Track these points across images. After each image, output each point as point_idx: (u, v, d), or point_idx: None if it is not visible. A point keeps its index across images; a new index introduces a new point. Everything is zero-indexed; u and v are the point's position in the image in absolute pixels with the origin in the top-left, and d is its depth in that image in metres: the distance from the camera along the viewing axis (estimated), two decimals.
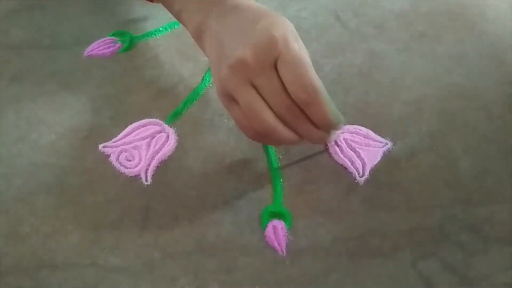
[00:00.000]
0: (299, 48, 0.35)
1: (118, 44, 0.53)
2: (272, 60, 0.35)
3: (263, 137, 0.37)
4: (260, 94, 0.35)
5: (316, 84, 0.34)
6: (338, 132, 0.41)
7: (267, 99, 0.35)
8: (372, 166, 0.42)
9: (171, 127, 0.45)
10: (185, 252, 0.38)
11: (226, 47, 0.36)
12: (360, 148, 0.43)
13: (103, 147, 0.44)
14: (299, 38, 0.36)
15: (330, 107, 0.35)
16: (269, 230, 0.39)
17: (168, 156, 0.44)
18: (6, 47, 0.53)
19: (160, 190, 0.42)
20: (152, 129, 0.45)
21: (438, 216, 0.39)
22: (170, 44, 0.53)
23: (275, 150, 0.44)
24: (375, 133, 0.44)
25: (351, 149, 0.43)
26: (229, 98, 0.37)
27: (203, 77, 0.49)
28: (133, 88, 0.49)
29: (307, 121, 0.36)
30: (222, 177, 0.42)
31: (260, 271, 0.37)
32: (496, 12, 0.55)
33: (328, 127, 0.37)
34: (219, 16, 0.38)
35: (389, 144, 0.44)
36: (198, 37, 0.41)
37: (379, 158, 0.43)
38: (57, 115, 0.47)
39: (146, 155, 0.43)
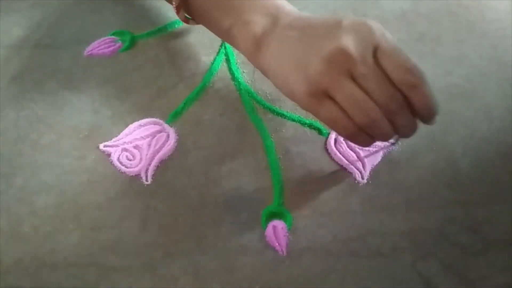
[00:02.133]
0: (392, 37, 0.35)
1: (118, 44, 0.53)
2: (372, 48, 0.34)
3: (361, 133, 0.36)
4: (360, 86, 0.35)
5: (419, 67, 0.35)
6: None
7: (371, 89, 0.34)
8: (372, 166, 0.42)
9: (171, 126, 0.45)
10: (185, 252, 0.38)
11: (314, 44, 0.35)
12: (360, 148, 0.43)
13: (104, 146, 0.44)
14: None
15: (432, 89, 0.35)
16: (269, 230, 0.39)
17: (169, 156, 0.44)
18: (6, 47, 0.53)
19: (160, 190, 0.42)
20: (152, 128, 0.45)
21: (438, 217, 0.39)
22: (170, 43, 0.53)
23: (276, 150, 0.44)
24: None
25: (351, 149, 0.43)
26: (320, 97, 0.35)
27: (203, 77, 0.49)
28: (133, 87, 0.49)
29: (408, 109, 0.35)
30: (222, 177, 0.42)
31: (260, 271, 0.37)
32: (496, 13, 0.55)
33: (430, 110, 0.36)
34: (290, 22, 0.38)
35: (389, 145, 0.44)
36: (256, 48, 0.40)
37: (379, 159, 0.43)
38: (58, 115, 0.47)
39: (147, 154, 0.43)
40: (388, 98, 0.34)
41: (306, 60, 0.35)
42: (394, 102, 0.35)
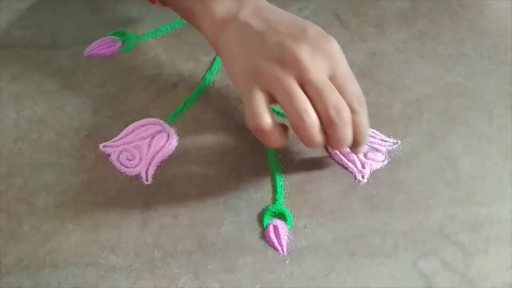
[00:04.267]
0: None
1: (118, 44, 0.53)
2: (328, 69, 0.36)
3: (280, 132, 0.37)
4: (304, 91, 0.36)
5: (364, 99, 0.37)
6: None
7: (316, 95, 0.35)
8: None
9: (171, 126, 0.45)
10: (185, 251, 0.38)
11: (273, 41, 0.36)
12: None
13: (104, 146, 0.44)
14: None
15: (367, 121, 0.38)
16: (269, 229, 0.39)
17: (169, 156, 0.44)
18: (7, 47, 0.53)
19: (160, 189, 0.42)
20: (152, 128, 0.45)
21: (438, 216, 0.39)
22: (170, 43, 0.53)
23: (276, 150, 0.44)
24: (375, 133, 0.44)
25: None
26: (256, 82, 0.36)
27: (203, 77, 0.49)
28: (133, 87, 0.49)
29: (351, 126, 0.37)
30: (222, 177, 0.42)
31: (260, 271, 0.37)
32: (496, 11, 0.55)
33: (361, 137, 0.38)
34: (254, 10, 0.39)
35: (390, 144, 0.44)
36: (217, 31, 0.40)
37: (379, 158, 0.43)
38: (58, 115, 0.47)
39: (147, 154, 0.43)
40: (333, 109, 0.35)
41: (260, 52, 0.37)
42: (341, 111, 0.35)
